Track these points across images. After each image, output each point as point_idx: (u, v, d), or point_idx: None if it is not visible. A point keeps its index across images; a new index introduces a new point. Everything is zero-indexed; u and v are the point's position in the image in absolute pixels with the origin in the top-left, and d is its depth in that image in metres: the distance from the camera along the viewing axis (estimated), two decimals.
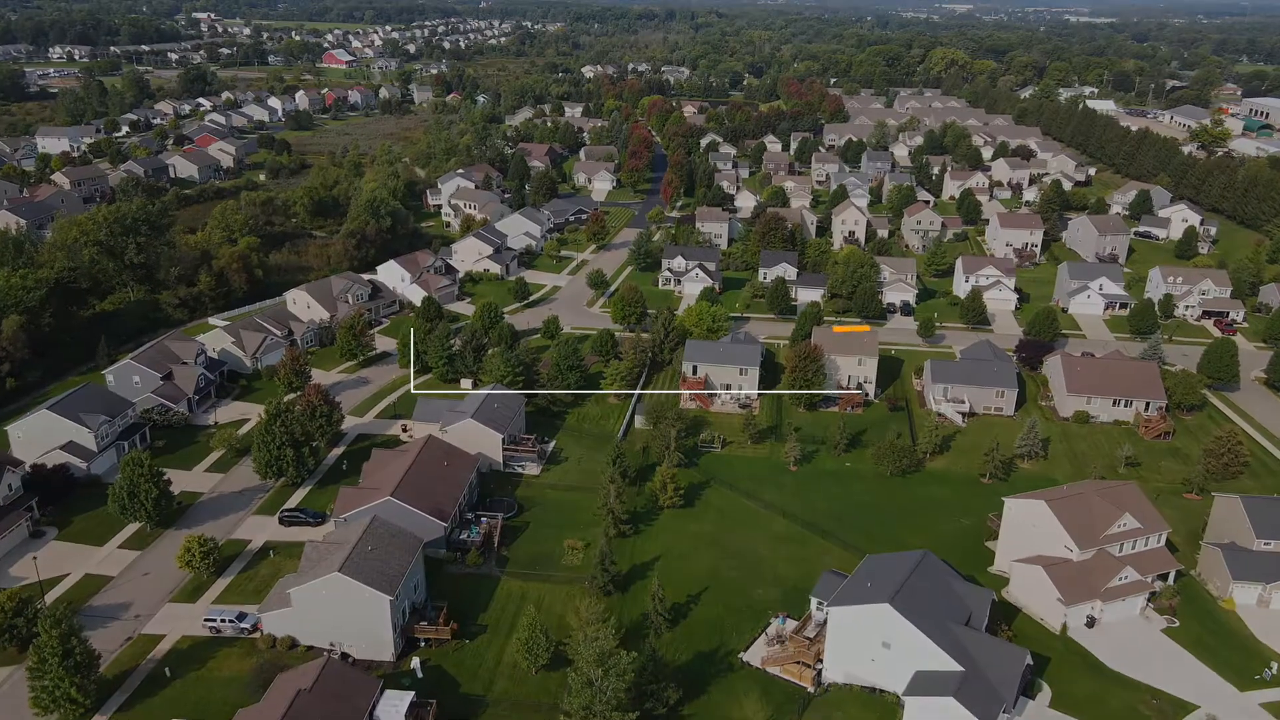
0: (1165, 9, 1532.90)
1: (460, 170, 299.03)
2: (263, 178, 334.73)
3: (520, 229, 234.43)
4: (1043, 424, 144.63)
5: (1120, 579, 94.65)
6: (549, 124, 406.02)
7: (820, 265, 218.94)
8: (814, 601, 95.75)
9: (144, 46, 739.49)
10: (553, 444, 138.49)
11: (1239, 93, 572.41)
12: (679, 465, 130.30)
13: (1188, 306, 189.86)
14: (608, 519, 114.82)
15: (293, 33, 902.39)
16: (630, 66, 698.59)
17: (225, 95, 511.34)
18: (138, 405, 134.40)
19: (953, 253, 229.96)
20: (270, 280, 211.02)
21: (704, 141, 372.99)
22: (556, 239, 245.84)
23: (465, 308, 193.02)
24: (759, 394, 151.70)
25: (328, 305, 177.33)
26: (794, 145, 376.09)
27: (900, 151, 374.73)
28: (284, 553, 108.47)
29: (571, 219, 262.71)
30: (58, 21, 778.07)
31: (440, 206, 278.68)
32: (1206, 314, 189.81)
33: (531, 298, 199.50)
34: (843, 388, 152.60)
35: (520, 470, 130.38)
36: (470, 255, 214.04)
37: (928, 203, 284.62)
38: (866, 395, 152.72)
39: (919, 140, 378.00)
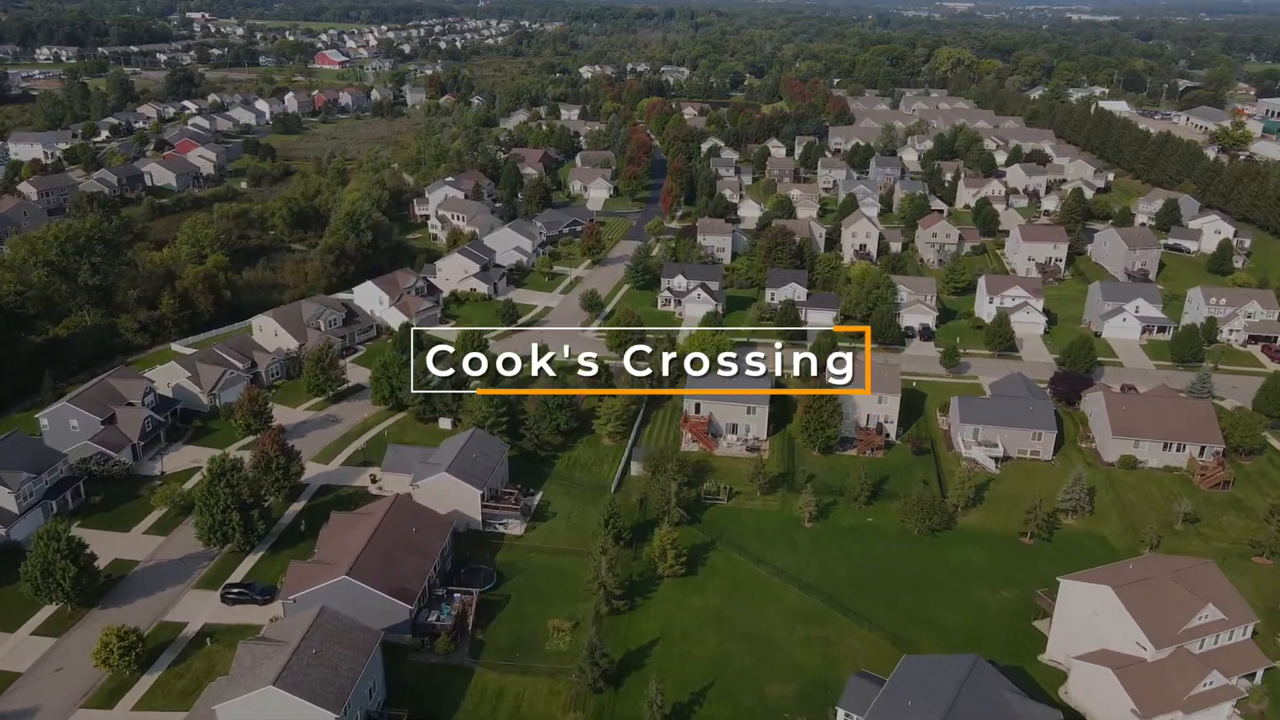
0: (1167, 7, 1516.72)
1: (449, 178, 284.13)
2: (244, 185, 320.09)
3: (510, 244, 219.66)
4: (1085, 469, 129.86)
5: (1205, 685, 79.98)
6: (544, 127, 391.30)
7: (831, 283, 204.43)
8: (840, 714, 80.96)
9: (133, 47, 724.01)
10: (539, 496, 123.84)
11: (1252, 93, 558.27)
12: (680, 522, 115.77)
13: (1232, 330, 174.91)
14: (599, 594, 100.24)
15: (287, 33, 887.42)
16: (629, 67, 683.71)
17: (211, 98, 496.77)
18: (71, 455, 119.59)
19: (971, 268, 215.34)
20: (242, 300, 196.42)
21: (705, 146, 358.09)
22: (549, 253, 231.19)
23: (450, 331, 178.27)
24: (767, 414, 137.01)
25: (297, 333, 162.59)
26: (798, 150, 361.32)
27: (909, 156, 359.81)
28: (224, 640, 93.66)
29: (565, 231, 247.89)
30: (46, 21, 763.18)
31: (428, 217, 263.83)
32: (1253, 339, 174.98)
33: (521, 321, 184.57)
34: (862, 429, 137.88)
35: (502, 529, 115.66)
36: (455, 273, 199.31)
37: (941, 212, 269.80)
38: (888, 437, 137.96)
39: (928, 144, 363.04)
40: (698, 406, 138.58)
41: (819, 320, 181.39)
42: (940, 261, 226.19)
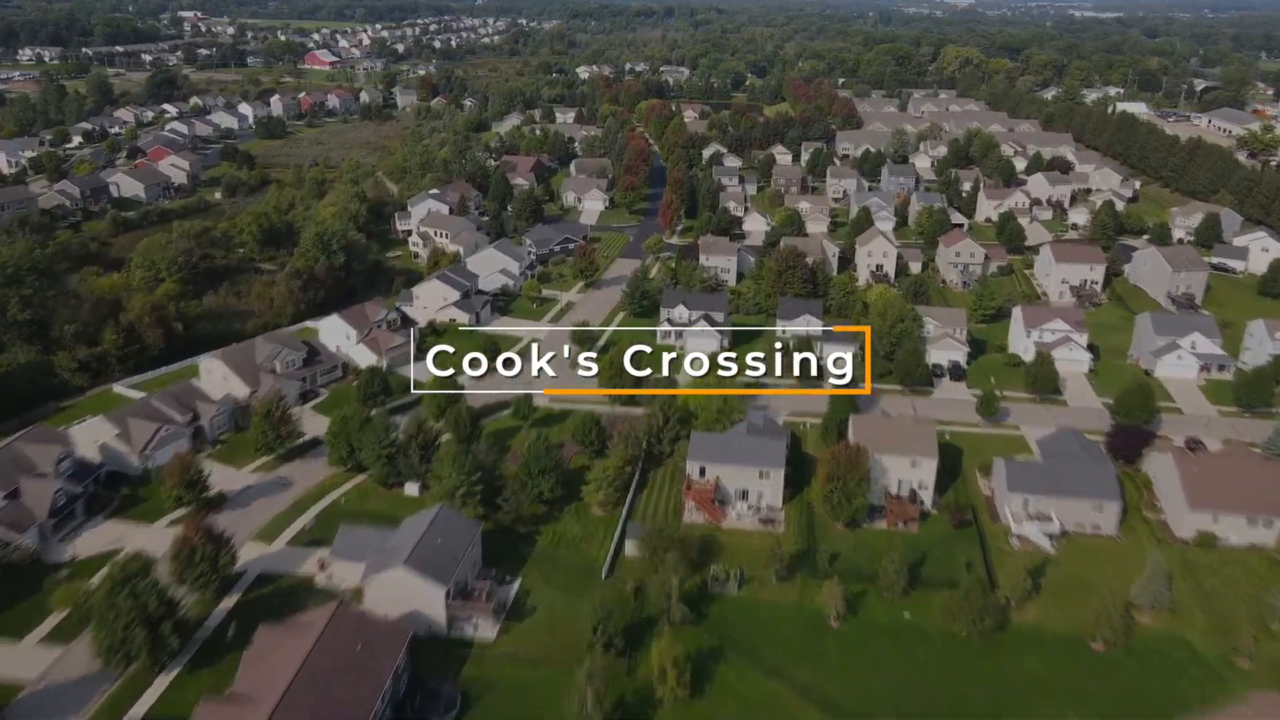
0: (1169, 4, 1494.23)
1: (434, 190, 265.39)
2: (218, 196, 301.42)
3: (495, 265, 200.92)
4: (1153, 547, 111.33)
5: None
6: (538, 131, 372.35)
7: (847, 310, 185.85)
8: None
9: (118, 48, 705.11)
10: (516, 585, 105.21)
11: (1270, 92, 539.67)
12: (683, 621, 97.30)
13: None
14: None
15: (278, 32, 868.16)
16: (627, 66, 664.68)
17: (193, 101, 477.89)
18: None
19: (1000, 292, 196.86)
20: (199, 332, 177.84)
21: (707, 153, 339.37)
22: (539, 273, 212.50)
23: (425, 372, 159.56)
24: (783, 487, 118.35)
25: (248, 377, 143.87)
26: (805, 156, 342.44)
27: (922, 163, 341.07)
28: None
29: (557, 249, 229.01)
30: (30, 21, 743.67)
31: (409, 233, 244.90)
32: None
33: (503, 357, 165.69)
34: (892, 497, 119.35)
35: (470, 633, 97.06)
36: (433, 301, 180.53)
37: (961, 227, 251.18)
38: (923, 505, 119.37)
39: (942, 150, 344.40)
40: (702, 470, 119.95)
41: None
42: (964, 284, 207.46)
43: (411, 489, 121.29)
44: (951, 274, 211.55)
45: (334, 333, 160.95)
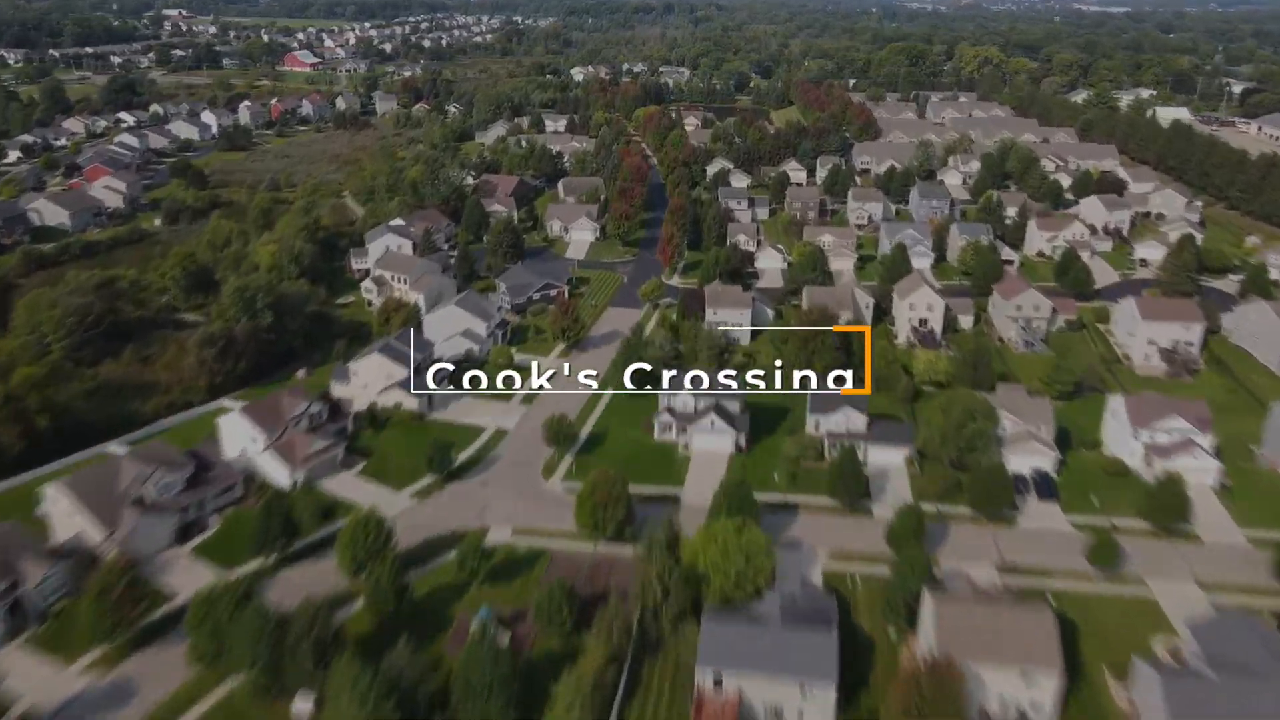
0: None
1: (395, 222, 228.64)
2: (158, 223, 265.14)
3: (456, 326, 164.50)
4: None
5: None
6: (524, 143, 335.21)
7: (890, 384, 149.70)
8: None
9: (88, 49, 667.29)
10: None
11: None
12: None
13: None
14: None
15: (262, 31, 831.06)
16: (625, 67, 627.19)
17: (153, 108, 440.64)
18: None
19: (1075, 358, 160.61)
20: (85, 420, 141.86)
21: (711, 169, 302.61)
22: (515, 327, 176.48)
23: (354, 487, 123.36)
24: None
25: (105, 513, 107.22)
26: (821, 172, 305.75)
27: (952, 179, 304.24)
28: None
29: (536, 297, 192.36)
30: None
31: (367, 273, 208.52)
32: None
33: (456, 463, 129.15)
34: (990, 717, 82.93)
35: None
36: (375, 379, 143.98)
37: (1011, 263, 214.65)
38: None
39: (974, 165, 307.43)
40: (718, 679, 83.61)
41: (885, 461, 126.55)
42: (1027, 343, 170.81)
43: (302, 705, 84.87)
44: (1010, 330, 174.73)
45: (236, 434, 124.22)
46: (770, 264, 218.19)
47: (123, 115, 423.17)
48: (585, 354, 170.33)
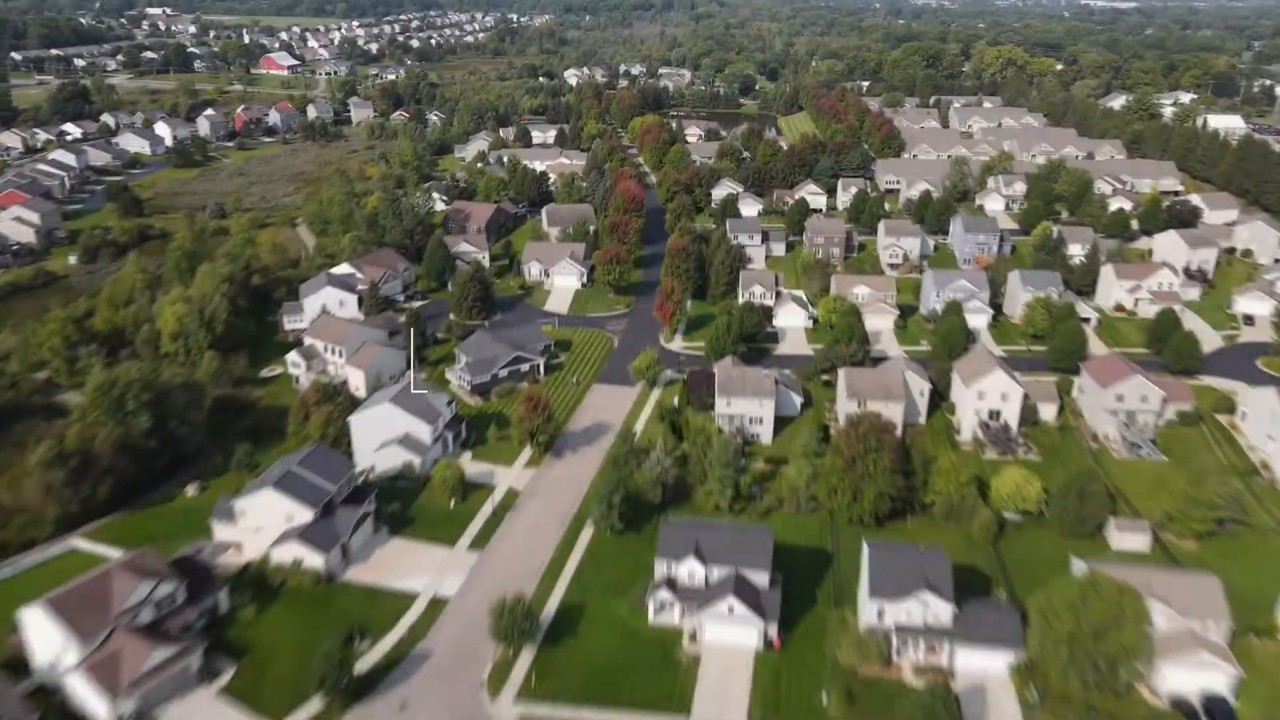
0: None
1: (341, 269, 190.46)
2: (73, 261, 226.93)
3: (393, 430, 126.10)
4: None
5: None
6: (505, 160, 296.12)
7: (963, 515, 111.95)
8: None
9: (55, 51, 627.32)
10: None
11: None
12: None
13: None
14: None
15: (244, 30, 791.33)
16: (622, 68, 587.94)
17: (104, 119, 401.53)
18: None
19: (1207, 478, 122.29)
20: None
21: (717, 193, 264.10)
22: (478, 412, 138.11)
23: (218, 712, 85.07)
24: None
25: None
26: (842, 195, 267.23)
27: (993, 204, 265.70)
28: None
29: (503, 374, 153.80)
30: None
31: (301, 335, 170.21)
32: None
33: (366, 668, 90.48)
34: None
35: None
36: (270, 521, 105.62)
37: (1087, 320, 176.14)
38: None
39: (1017, 186, 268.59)
40: None
41: (980, 666, 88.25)
42: (1135, 447, 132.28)
43: None
44: (1107, 425, 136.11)
45: (45, 639, 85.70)
46: (792, 320, 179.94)
47: (68, 127, 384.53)
48: (561, 461, 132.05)
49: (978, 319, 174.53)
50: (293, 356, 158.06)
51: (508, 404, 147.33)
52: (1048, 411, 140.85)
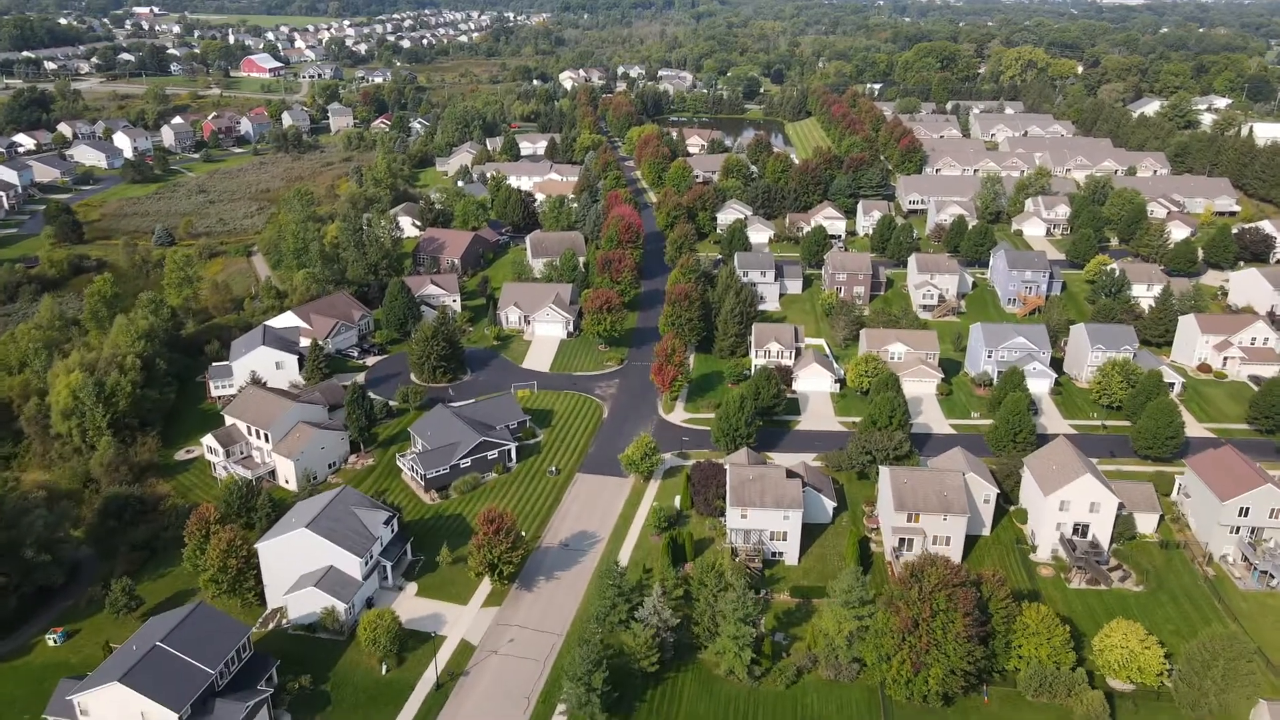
0: None
1: (282, 320, 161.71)
2: None
3: (313, 561, 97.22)
4: None
5: None
6: (490, 177, 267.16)
7: (1057, 687, 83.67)
8: None
9: (26, 53, 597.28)
10: None
11: None
12: None
13: None
14: None
15: (229, 30, 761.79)
16: (620, 70, 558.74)
17: (60, 128, 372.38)
18: None
19: None
20: None
21: (723, 218, 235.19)
22: (430, 509, 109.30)
23: None
24: None
25: None
26: (863, 220, 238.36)
27: (1033, 229, 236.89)
28: None
29: (467, 462, 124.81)
30: None
31: (229, 401, 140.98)
32: None
33: None
34: None
35: None
36: None
37: (1172, 386, 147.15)
38: None
39: (1060, 209, 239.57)
40: None
41: None
42: (1263, 575, 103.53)
43: None
44: (1226, 544, 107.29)
45: None
46: (816, 384, 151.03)
47: (20, 138, 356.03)
48: (531, 595, 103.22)
49: (1038, 384, 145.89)
50: (209, 440, 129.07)
51: (469, 503, 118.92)
52: (1146, 522, 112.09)
